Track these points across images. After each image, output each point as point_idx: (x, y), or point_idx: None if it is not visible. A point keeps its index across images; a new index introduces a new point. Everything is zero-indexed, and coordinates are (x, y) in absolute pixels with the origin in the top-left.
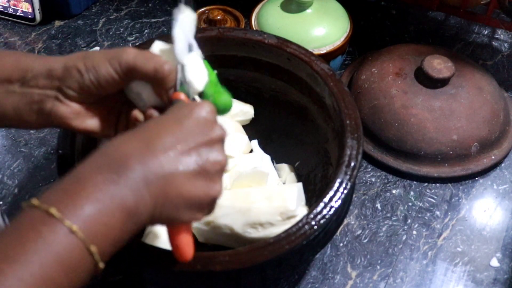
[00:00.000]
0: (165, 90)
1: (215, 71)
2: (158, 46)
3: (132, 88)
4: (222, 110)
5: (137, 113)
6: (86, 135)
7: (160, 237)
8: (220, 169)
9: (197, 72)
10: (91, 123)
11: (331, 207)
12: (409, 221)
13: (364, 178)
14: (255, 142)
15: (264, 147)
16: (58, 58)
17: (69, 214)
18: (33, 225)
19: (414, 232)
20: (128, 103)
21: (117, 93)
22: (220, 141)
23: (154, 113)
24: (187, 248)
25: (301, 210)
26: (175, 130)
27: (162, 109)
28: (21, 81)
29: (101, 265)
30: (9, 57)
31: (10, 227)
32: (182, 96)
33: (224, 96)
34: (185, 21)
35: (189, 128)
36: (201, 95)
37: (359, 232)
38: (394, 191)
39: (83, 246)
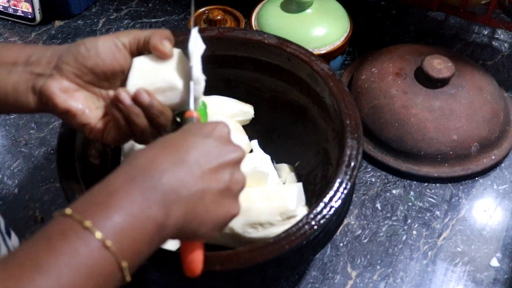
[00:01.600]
0: (160, 39)
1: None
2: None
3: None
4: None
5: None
6: (66, 117)
7: None
8: (240, 189)
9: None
10: (75, 105)
11: (331, 207)
12: (409, 221)
13: (364, 178)
14: (255, 142)
15: (264, 147)
16: (64, 45)
17: (102, 227)
18: (66, 236)
19: (414, 232)
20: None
21: (112, 82)
22: (240, 161)
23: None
24: (198, 264)
25: (301, 210)
26: (203, 148)
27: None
28: (25, 63)
29: (128, 278)
30: (16, 45)
31: (42, 235)
32: (195, 114)
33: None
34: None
35: (217, 146)
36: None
37: (359, 232)
38: (394, 191)
39: (115, 261)
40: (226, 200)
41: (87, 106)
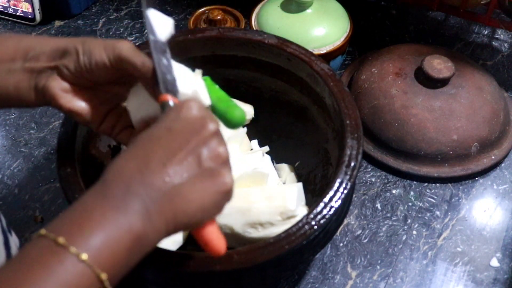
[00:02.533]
0: (151, 86)
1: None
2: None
3: (129, 100)
4: (236, 124)
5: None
6: (71, 116)
7: None
8: (222, 161)
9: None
10: (78, 105)
11: (331, 207)
12: (409, 221)
13: (364, 178)
14: (255, 142)
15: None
16: (61, 39)
17: (77, 243)
18: (40, 255)
19: (414, 232)
20: (122, 100)
21: (112, 86)
22: (214, 134)
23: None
24: (218, 241)
25: (301, 210)
26: (167, 139)
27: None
28: (23, 59)
29: None
30: (11, 39)
31: (18, 256)
32: (168, 98)
33: (237, 110)
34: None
35: (180, 133)
36: (213, 112)
37: (359, 232)
38: (394, 191)
39: (93, 274)
40: (207, 182)
41: (91, 105)
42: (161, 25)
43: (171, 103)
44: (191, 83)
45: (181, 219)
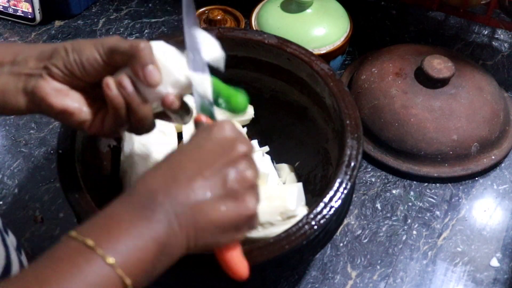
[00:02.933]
0: (141, 66)
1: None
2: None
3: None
4: (240, 110)
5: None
6: (63, 118)
7: None
8: (249, 185)
9: (201, 79)
10: (70, 104)
11: (331, 207)
12: (409, 221)
13: (364, 178)
14: (255, 142)
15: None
16: (50, 44)
17: (105, 247)
18: (69, 255)
19: (414, 232)
20: None
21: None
22: (244, 157)
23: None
24: (240, 265)
25: (301, 210)
26: (196, 157)
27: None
28: (11, 63)
29: None
30: (1, 45)
31: (46, 255)
32: (203, 118)
33: (239, 96)
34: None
35: (210, 151)
36: (216, 103)
37: (359, 232)
38: (394, 191)
39: (119, 279)
40: (230, 203)
41: (83, 103)
42: (208, 47)
43: (204, 122)
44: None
45: (200, 236)
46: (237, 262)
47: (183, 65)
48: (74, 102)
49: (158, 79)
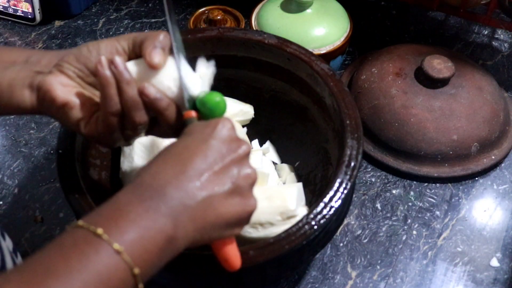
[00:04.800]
0: (152, 46)
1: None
2: None
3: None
4: (218, 113)
5: None
6: (63, 111)
7: None
8: (251, 183)
9: (190, 77)
10: (73, 98)
11: (331, 207)
12: (409, 221)
13: (364, 178)
14: (255, 142)
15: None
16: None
17: (114, 236)
18: (77, 244)
19: (414, 232)
20: None
21: None
22: (247, 155)
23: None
24: (235, 258)
25: (301, 210)
26: (205, 152)
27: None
28: (24, 62)
29: (141, 286)
30: (17, 48)
31: (54, 244)
32: (193, 114)
33: (216, 98)
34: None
35: (217, 147)
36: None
37: (359, 232)
38: (394, 191)
39: (127, 267)
40: (237, 199)
41: (84, 102)
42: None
43: (194, 120)
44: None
45: (208, 229)
46: (233, 254)
47: (193, 78)
48: (77, 98)
49: (161, 60)
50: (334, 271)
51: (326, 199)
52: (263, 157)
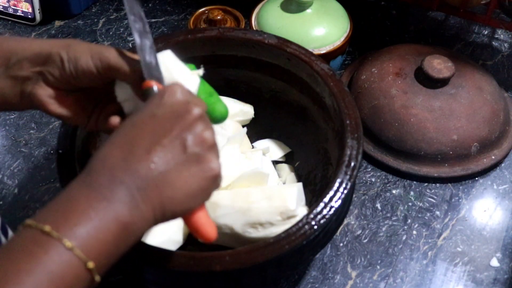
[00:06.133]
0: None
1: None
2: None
3: (117, 93)
4: (219, 119)
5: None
6: (61, 119)
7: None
8: (208, 146)
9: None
10: (67, 110)
11: (331, 207)
12: (409, 221)
13: (364, 178)
14: (255, 143)
15: None
16: (43, 43)
17: (63, 231)
18: (25, 245)
19: (414, 232)
20: (106, 94)
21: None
22: (199, 118)
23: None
24: (208, 227)
25: (301, 210)
26: (151, 126)
27: None
28: (5, 66)
29: (98, 278)
30: None
31: (3, 248)
32: (153, 83)
33: (220, 105)
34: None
35: (164, 118)
36: None
37: (359, 232)
38: (394, 191)
39: (80, 263)
40: (194, 168)
41: (79, 106)
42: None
43: (155, 88)
44: (184, 77)
45: (168, 206)
46: (205, 223)
47: (187, 76)
48: (69, 109)
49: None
50: (334, 271)
51: (326, 199)
52: (263, 157)
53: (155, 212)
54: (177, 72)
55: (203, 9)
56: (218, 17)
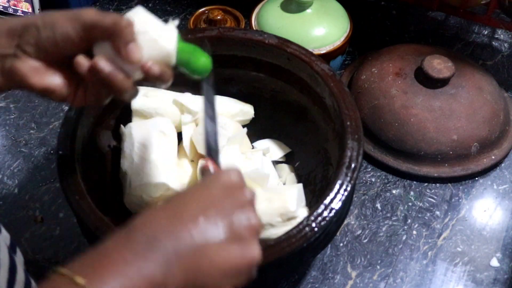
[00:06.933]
0: (123, 43)
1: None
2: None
3: (96, 53)
4: (202, 69)
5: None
6: (45, 95)
7: None
8: (254, 232)
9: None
10: (51, 81)
11: (332, 209)
12: (409, 221)
13: (364, 178)
14: (256, 143)
15: None
16: (19, 18)
17: (96, 285)
18: None
19: (414, 232)
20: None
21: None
22: (250, 203)
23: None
24: None
25: (301, 211)
26: (202, 197)
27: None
28: None
29: None
30: None
31: None
32: (210, 165)
33: (203, 55)
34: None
35: (216, 194)
36: (176, 66)
37: (359, 232)
38: (394, 191)
39: None
40: (235, 248)
41: (64, 78)
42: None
43: (211, 169)
44: (161, 33)
45: (200, 278)
46: None
47: (163, 31)
48: (54, 80)
49: (139, 56)
50: (334, 271)
51: (326, 201)
52: (263, 157)
53: (187, 280)
54: (153, 27)
55: (203, 9)
56: (218, 17)
